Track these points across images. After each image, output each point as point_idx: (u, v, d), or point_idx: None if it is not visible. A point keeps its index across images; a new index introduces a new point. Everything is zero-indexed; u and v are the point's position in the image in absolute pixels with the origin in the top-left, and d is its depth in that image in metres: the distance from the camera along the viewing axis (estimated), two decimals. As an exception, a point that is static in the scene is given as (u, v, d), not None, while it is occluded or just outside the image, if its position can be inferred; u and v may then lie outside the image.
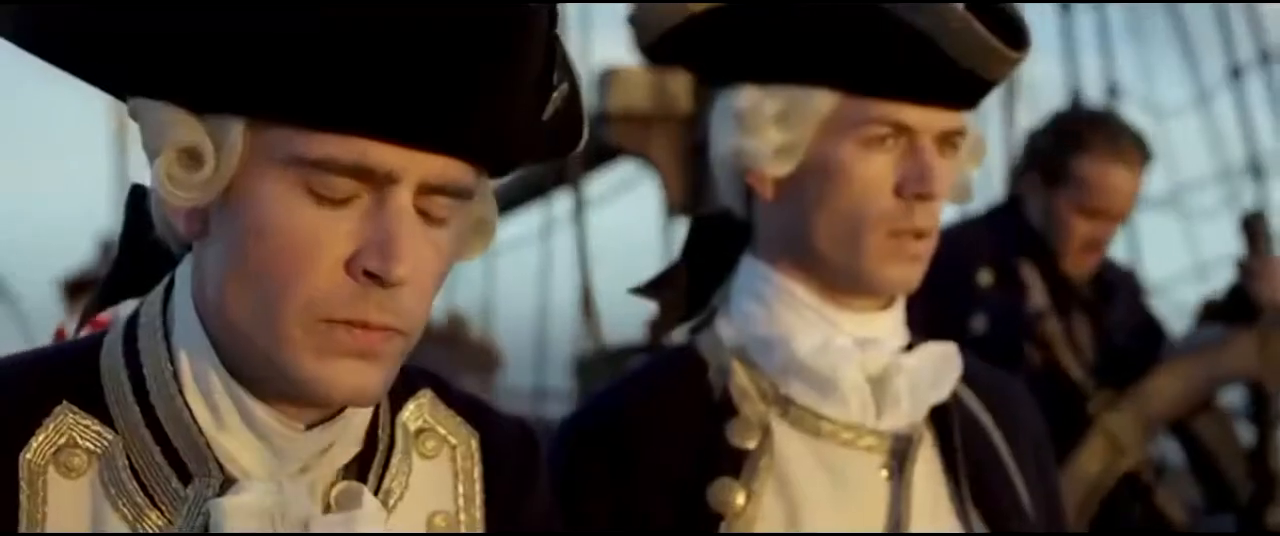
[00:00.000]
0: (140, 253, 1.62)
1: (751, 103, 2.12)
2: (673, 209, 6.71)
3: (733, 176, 2.20)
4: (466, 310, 12.35)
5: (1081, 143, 4.11)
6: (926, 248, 2.13)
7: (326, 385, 1.51)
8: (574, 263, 7.58)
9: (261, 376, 1.53)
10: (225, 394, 1.55)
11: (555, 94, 1.58)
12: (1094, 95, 8.85)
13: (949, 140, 2.12)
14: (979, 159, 2.23)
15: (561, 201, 9.03)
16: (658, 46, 2.21)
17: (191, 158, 1.49)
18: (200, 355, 1.55)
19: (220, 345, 1.54)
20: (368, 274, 1.48)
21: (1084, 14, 9.80)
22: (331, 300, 1.49)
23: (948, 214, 2.30)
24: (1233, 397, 4.15)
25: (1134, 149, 4.15)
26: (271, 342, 1.51)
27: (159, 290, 1.61)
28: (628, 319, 7.12)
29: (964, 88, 2.11)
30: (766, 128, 2.12)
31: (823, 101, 2.10)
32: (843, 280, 2.14)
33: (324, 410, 1.56)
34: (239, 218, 1.50)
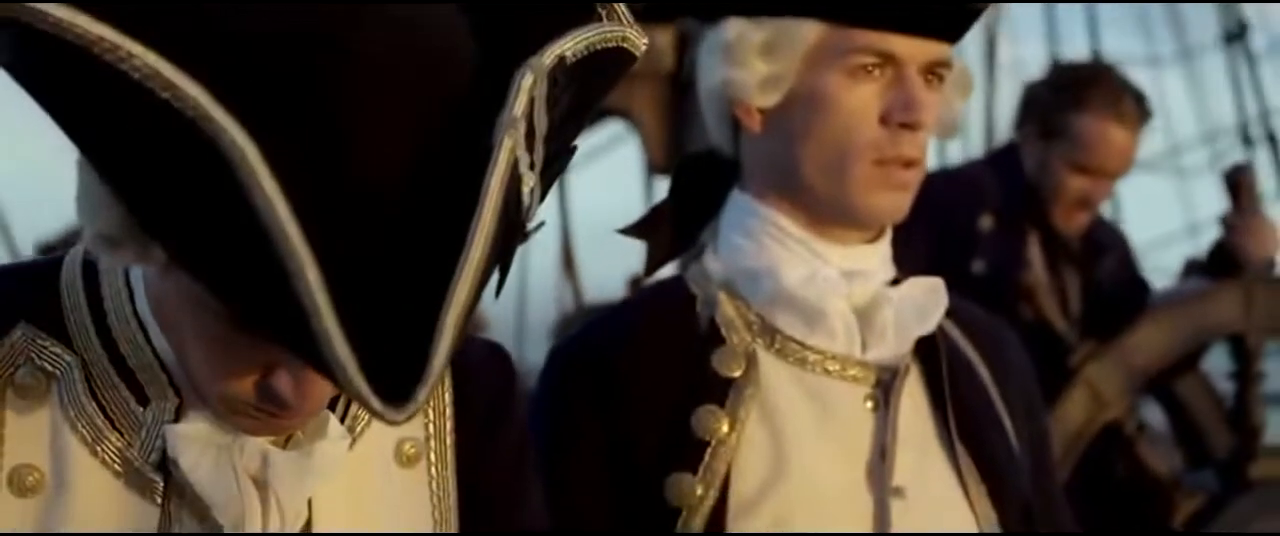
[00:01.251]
0: None
1: (737, 34, 2.12)
2: (655, 168, 6.68)
3: (720, 111, 2.19)
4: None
5: (1079, 99, 4.07)
6: (914, 177, 2.12)
7: None
8: (556, 223, 7.56)
9: None
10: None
11: None
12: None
13: (934, 71, 2.12)
14: (965, 93, 2.23)
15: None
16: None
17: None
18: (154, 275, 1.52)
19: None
20: None
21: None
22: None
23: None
24: (1219, 361, 4.13)
25: (1133, 108, 4.10)
26: None
27: None
28: (608, 279, 7.11)
29: (949, 17, 2.11)
30: (753, 58, 2.11)
31: (809, 31, 2.10)
32: (830, 211, 2.13)
33: None
34: None
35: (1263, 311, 3.91)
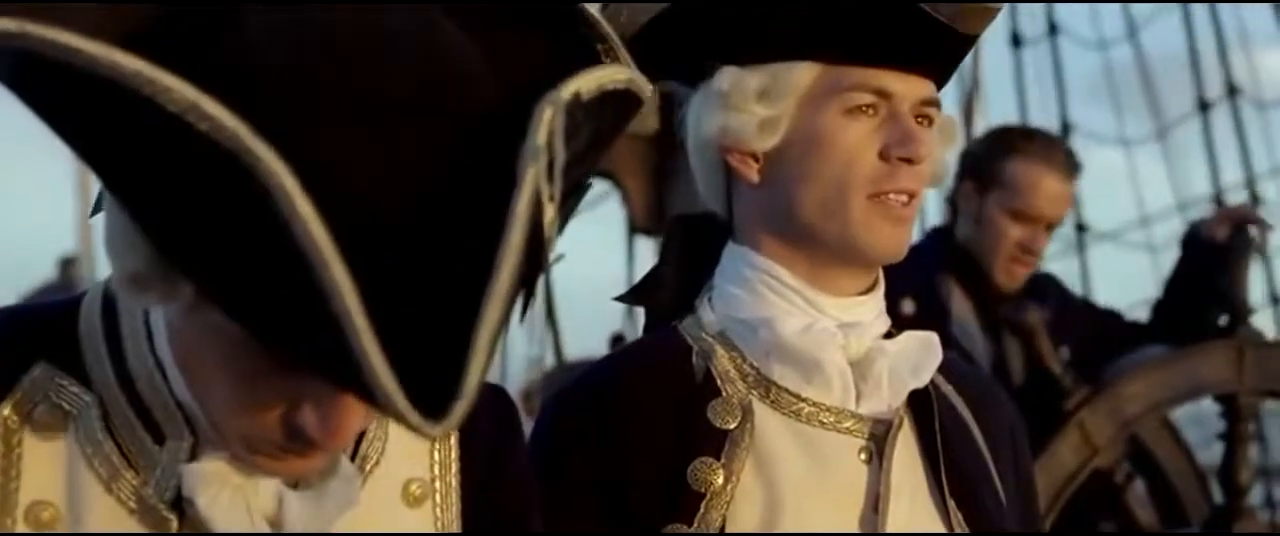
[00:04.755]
0: None
1: (733, 81, 2.13)
2: (637, 227, 6.70)
3: (714, 163, 2.20)
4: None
5: (1013, 147, 4.22)
6: (911, 212, 2.14)
7: None
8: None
9: None
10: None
11: None
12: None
13: (924, 113, 2.15)
14: (950, 141, 2.27)
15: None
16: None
17: None
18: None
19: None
20: None
21: (1038, 52, 9.99)
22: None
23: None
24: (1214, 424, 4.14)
25: (1064, 157, 4.27)
26: None
27: None
28: (590, 337, 7.11)
29: (939, 49, 2.14)
30: (749, 103, 2.13)
31: (803, 74, 2.12)
32: (830, 251, 2.14)
33: None
34: None
35: (1254, 372, 3.93)
